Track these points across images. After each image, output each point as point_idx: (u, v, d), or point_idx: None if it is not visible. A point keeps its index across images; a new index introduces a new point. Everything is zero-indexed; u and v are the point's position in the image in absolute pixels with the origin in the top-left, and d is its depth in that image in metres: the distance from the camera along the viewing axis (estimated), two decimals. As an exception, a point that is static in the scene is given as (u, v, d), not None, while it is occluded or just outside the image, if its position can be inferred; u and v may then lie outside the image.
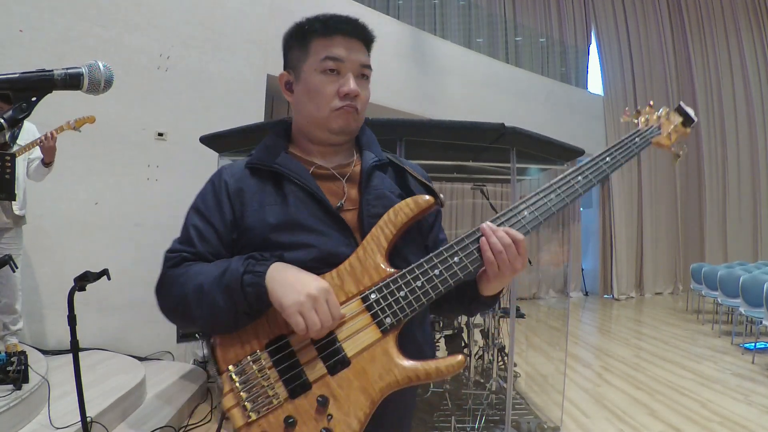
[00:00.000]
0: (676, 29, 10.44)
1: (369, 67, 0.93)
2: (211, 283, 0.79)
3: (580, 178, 0.94)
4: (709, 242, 10.05)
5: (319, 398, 0.77)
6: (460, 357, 0.79)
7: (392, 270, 0.83)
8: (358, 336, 0.80)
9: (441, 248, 0.85)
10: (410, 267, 0.83)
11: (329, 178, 0.93)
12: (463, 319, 3.43)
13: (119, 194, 3.96)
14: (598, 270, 9.83)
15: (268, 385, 0.78)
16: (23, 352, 2.50)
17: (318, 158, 0.95)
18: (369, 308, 0.81)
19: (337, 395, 0.77)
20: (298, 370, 0.79)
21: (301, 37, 0.93)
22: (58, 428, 2.22)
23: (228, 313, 0.78)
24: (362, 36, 0.93)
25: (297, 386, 0.78)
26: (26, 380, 2.32)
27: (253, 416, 0.77)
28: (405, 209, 0.85)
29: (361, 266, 0.83)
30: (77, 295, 1.62)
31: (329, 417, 0.76)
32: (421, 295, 0.82)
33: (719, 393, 3.84)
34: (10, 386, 2.24)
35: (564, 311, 8.20)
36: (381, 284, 0.82)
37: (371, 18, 6.34)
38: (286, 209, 0.86)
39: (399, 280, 0.82)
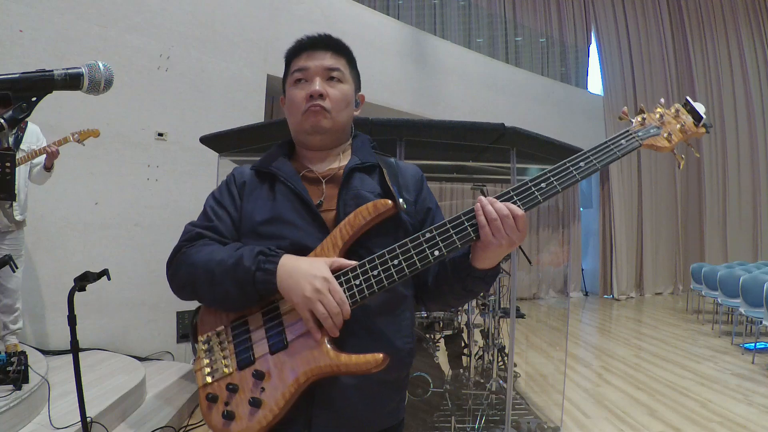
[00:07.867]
0: (676, 29, 10.44)
1: (336, 69, 1.02)
2: (222, 274, 0.89)
3: (543, 184, 0.89)
4: (709, 242, 10.05)
5: (254, 372, 0.88)
6: (379, 356, 0.84)
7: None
8: (299, 323, 0.88)
9: (384, 250, 0.89)
10: (353, 266, 0.89)
11: (315, 181, 1.03)
12: (463, 318, 3.43)
13: (119, 194, 3.95)
14: (598, 270, 9.82)
15: (223, 356, 0.91)
16: (23, 352, 2.50)
17: (313, 164, 1.06)
18: None
19: (272, 372, 0.88)
20: (248, 345, 0.91)
21: (285, 63, 1.07)
22: (58, 428, 2.22)
23: (238, 300, 0.91)
24: (324, 44, 1.03)
25: (243, 359, 0.90)
26: (26, 380, 2.32)
27: (209, 380, 0.90)
28: (363, 212, 0.92)
29: None
30: (77, 295, 1.62)
31: (262, 389, 0.87)
32: (356, 293, 0.87)
33: (719, 393, 3.85)
34: (10, 386, 2.24)
35: (564, 311, 8.20)
36: None
37: (371, 18, 6.35)
38: (273, 204, 0.99)
39: (341, 277, 0.88)
